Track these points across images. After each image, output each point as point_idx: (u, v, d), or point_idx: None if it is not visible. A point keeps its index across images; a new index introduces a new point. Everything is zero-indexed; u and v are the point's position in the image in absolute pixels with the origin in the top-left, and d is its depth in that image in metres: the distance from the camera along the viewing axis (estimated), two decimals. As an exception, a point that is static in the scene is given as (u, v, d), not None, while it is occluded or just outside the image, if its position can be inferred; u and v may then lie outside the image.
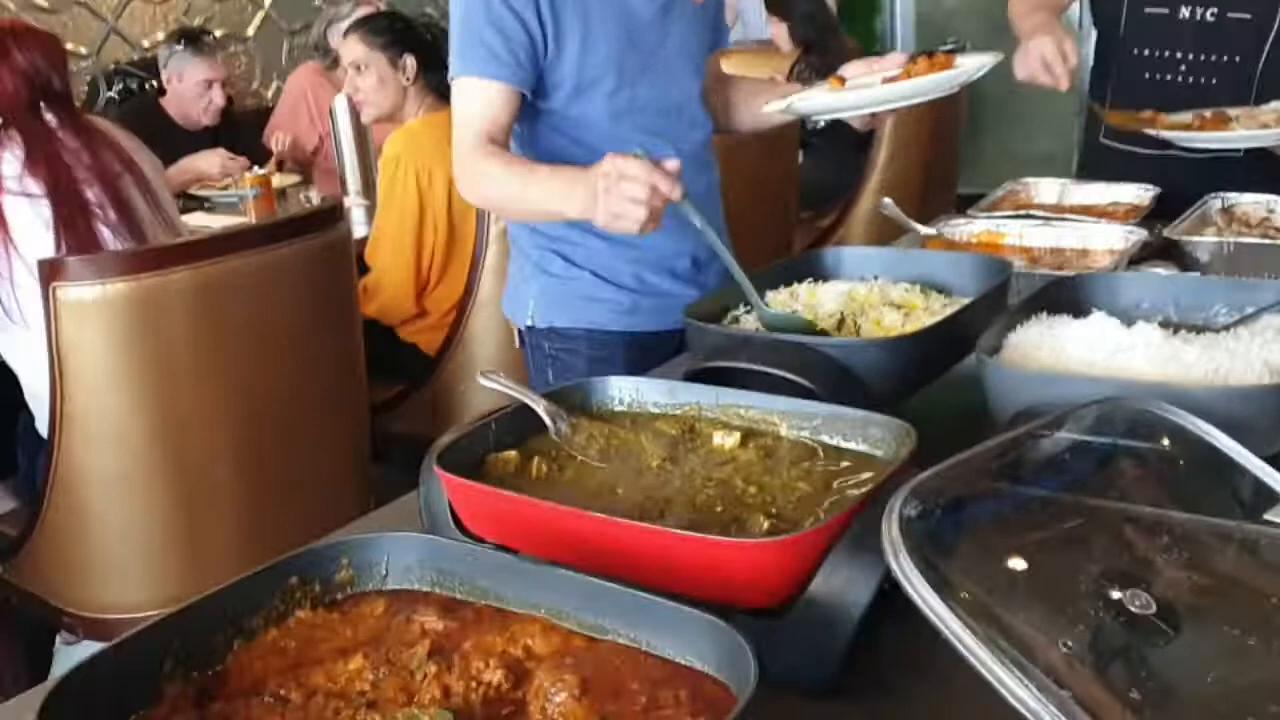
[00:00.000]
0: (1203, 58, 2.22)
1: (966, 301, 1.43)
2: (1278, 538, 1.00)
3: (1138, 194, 2.15)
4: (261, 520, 2.07)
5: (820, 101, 1.69)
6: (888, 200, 1.96)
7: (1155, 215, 2.04)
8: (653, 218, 1.38)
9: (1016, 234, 1.94)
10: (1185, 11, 2.20)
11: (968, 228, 1.97)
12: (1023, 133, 6.52)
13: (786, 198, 3.48)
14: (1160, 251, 1.90)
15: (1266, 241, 1.82)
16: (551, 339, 1.84)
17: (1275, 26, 2.19)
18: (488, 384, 1.21)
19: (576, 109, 1.70)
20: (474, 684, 0.76)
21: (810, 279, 1.59)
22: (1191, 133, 2.13)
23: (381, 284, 2.77)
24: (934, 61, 1.60)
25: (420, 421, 2.73)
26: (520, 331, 1.91)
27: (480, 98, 1.64)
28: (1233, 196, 2.04)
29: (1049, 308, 1.37)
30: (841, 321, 1.44)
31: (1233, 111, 2.14)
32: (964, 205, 2.19)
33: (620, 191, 1.37)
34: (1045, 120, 6.35)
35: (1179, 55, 2.25)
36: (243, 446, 2.02)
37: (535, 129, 1.74)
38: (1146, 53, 2.28)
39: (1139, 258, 1.88)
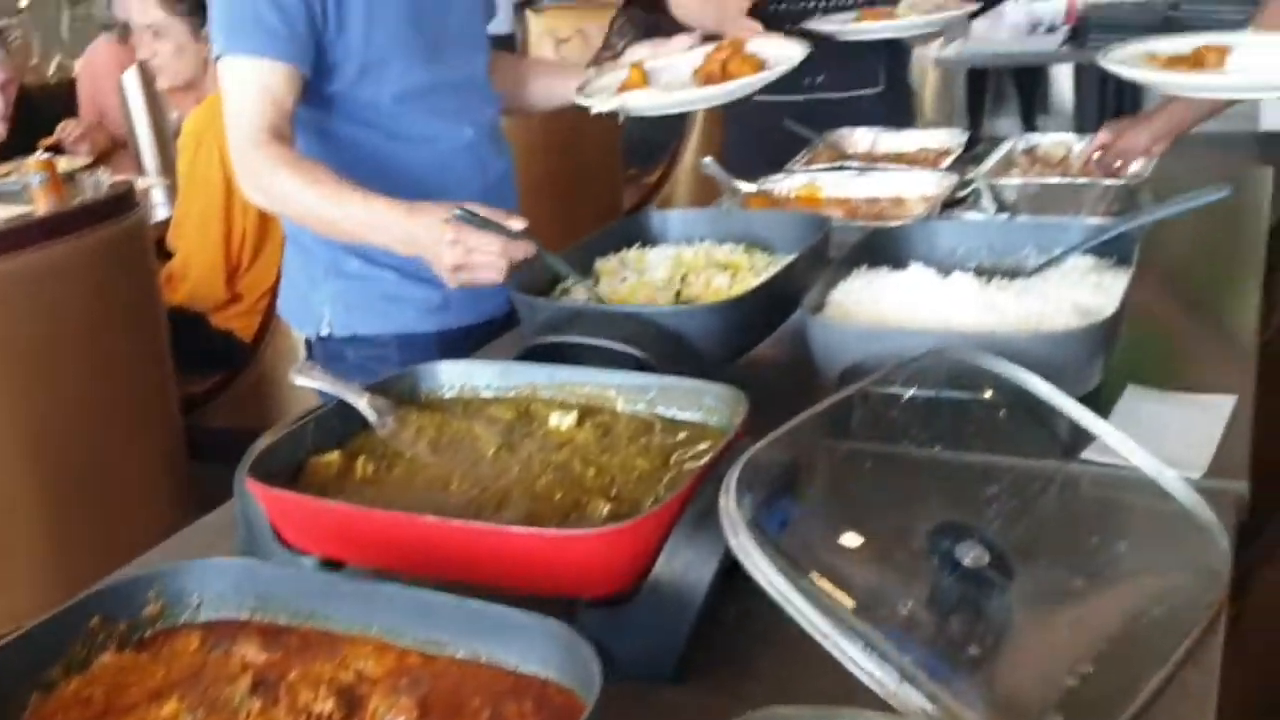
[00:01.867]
0: None
1: (789, 259, 1.43)
2: (1096, 476, 1.04)
3: (947, 138, 2.21)
4: (69, 533, 1.93)
5: (646, 102, 1.66)
6: (708, 159, 1.95)
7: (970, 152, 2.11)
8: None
9: (834, 185, 1.96)
10: None
11: (788, 182, 1.99)
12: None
13: (611, 155, 3.44)
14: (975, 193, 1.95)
15: (1066, 181, 1.89)
16: (356, 347, 1.68)
17: None
18: (302, 381, 1.14)
19: (364, 91, 1.57)
20: (304, 717, 0.71)
21: (639, 244, 1.57)
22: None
23: (189, 269, 2.61)
24: (742, 58, 1.62)
25: (242, 413, 2.60)
26: (310, 342, 1.73)
27: (258, 81, 1.47)
28: (1034, 137, 2.12)
29: (869, 260, 1.39)
30: (682, 284, 1.43)
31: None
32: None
33: (474, 264, 1.33)
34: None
35: None
36: (40, 456, 1.87)
37: (319, 115, 1.59)
38: None
39: (958, 200, 1.93)
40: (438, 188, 1.62)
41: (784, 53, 1.68)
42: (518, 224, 1.33)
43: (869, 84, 2.39)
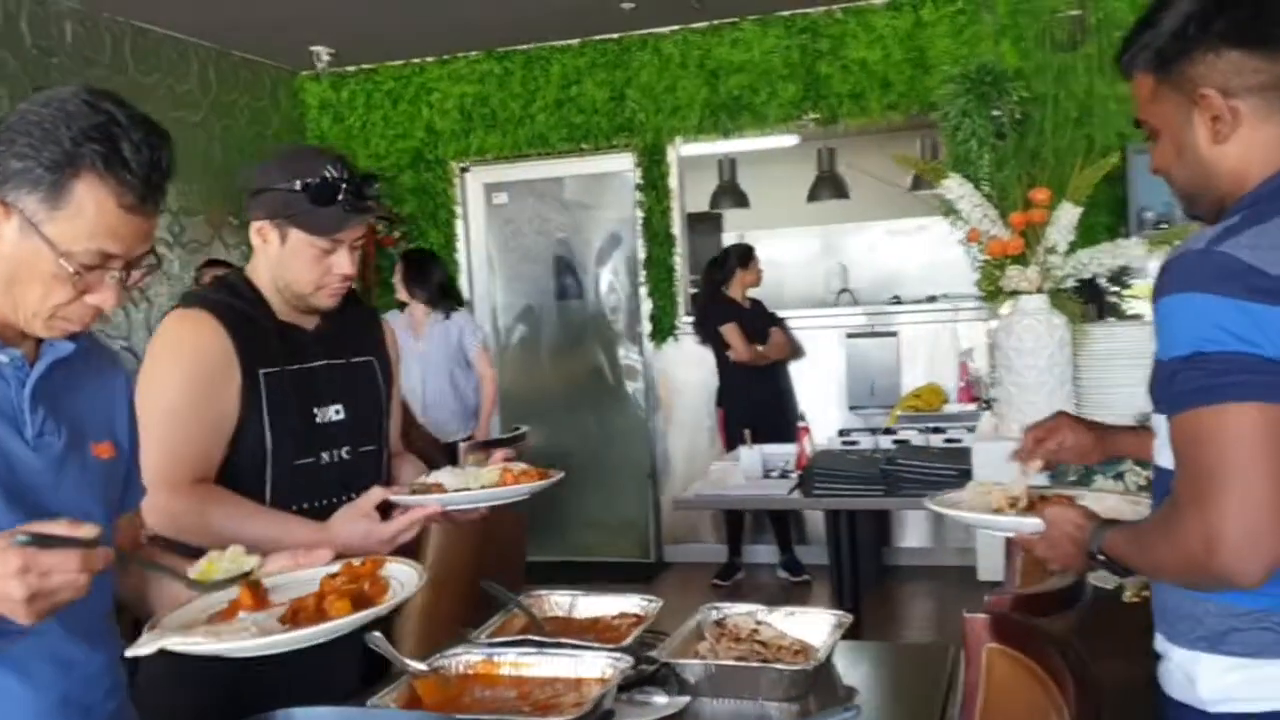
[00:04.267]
0: None
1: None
2: None
3: (641, 604, 2.17)
4: None
5: (222, 647, 1.40)
6: (377, 635, 1.83)
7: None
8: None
9: (512, 663, 1.87)
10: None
11: (465, 658, 1.88)
12: (602, 499, 6.77)
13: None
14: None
15: (744, 665, 1.86)
16: None
17: None
18: None
19: None
20: None
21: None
22: None
23: None
24: (336, 596, 1.50)
25: None
26: None
27: None
28: (725, 607, 2.10)
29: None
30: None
31: None
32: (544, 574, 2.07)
33: (53, 588, 1.17)
34: (623, 486, 6.66)
35: None
36: None
37: None
38: None
39: (647, 677, 1.86)
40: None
41: (401, 579, 1.55)
42: (90, 530, 1.19)
43: None
